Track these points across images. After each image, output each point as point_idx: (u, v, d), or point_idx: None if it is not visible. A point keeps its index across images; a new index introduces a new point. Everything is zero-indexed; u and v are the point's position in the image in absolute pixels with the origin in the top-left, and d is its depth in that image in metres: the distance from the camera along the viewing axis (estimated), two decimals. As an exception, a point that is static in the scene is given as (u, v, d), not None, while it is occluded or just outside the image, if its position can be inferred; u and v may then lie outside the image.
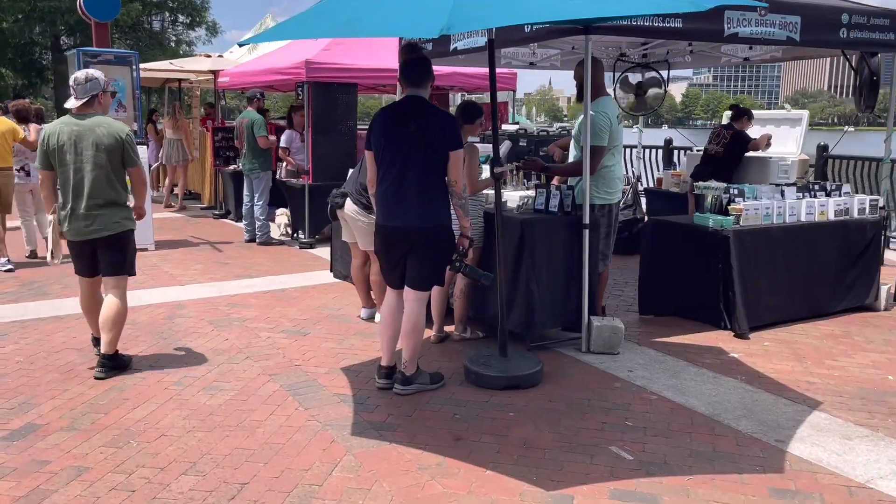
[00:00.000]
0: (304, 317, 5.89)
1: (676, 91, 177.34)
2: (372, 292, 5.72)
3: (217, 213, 11.62)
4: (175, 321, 5.73)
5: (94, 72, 4.48)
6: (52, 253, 4.63)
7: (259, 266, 7.85)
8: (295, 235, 9.58)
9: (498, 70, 10.36)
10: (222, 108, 12.32)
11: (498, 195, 4.37)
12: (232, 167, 11.03)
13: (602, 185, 5.17)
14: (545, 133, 8.86)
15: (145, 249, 8.59)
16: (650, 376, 4.56)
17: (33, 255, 8.07)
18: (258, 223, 9.20)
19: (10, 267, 7.49)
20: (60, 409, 3.98)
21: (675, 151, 11.05)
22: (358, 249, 5.64)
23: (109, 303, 4.55)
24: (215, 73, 11.65)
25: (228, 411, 3.99)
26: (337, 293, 6.71)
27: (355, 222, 5.43)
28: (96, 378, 4.45)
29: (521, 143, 8.15)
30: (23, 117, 8.12)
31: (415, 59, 4.01)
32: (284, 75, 9.28)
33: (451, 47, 6.51)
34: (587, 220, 4.90)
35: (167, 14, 33.02)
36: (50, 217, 4.57)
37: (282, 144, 9.48)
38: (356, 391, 4.29)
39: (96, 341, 4.72)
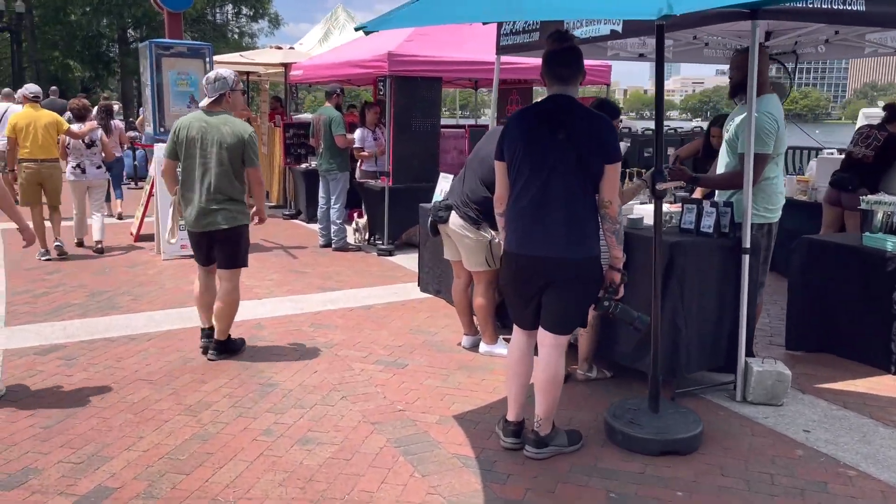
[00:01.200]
0: (398, 343, 5.21)
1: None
2: (475, 318, 5.00)
3: (287, 213, 11.09)
4: (255, 345, 5.12)
5: (223, 71, 4.69)
6: (170, 231, 5.24)
7: (338, 276, 7.22)
8: (371, 240, 8.94)
9: (594, 62, 9.59)
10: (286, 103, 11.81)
11: (658, 217, 3.58)
12: (304, 165, 10.47)
13: (762, 201, 4.32)
14: (650, 132, 8.02)
15: (216, 254, 8.07)
16: (835, 440, 3.72)
17: (80, 243, 8.33)
18: (334, 227, 8.58)
19: (48, 257, 7.71)
20: (135, 466, 3.37)
21: (794, 152, 10.01)
22: (462, 269, 4.92)
23: (223, 293, 4.79)
24: (286, 66, 11.11)
25: (331, 475, 3.31)
26: (428, 312, 6.01)
27: (461, 239, 4.71)
28: (209, 360, 4.78)
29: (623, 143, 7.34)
30: (81, 116, 8.30)
31: (565, 50, 3.24)
32: (364, 69, 8.62)
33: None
34: (748, 244, 4.08)
35: (231, 6, 32.95)
36: (172, 198, 4.92)
37: (355, 144, 8.85)
38: (478, 451, 3.57)
39: (204, 331, 4.94)
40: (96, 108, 10.48)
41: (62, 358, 4.79)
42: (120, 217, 10.69)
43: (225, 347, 4.85)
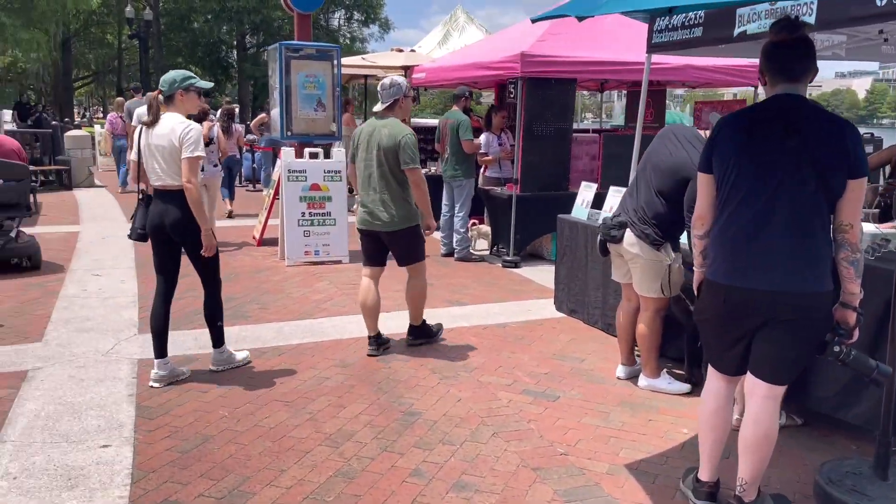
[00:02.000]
0: (543, 370, 4.73)
1: (860, 87, 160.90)
2: (638, 349, 4.45)
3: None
4: (391, 365, 4.77)
5: (398, 78, 4.89)
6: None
7: (465, 289, 6.82)
8: (495, 250, 8.51)
9: (741, 62, 8.81)
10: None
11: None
12: (424, 171, 10.16)
13: None
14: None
15: (339, 262, 7.86)
16: None
17: None
18: (457, 236, 8.20)
19: None
20: (279, 506, 3.05)
21: None
22: (633, 292, 4.38)
23: (409, 286, 5.08)
24: (407, 68, 10.86)
25: (497, 534, 2.88)
26: (570, 334, 5.50)
27: (636, 260, 4.17)
28: (408, 345, 5.12)
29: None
30: (200, 119, 8.42)
31: (798, 41, 2.68)
32: (492, 70, 8.20)
33: (736, 31, 5.12)
34: None
35: (343, 11, 33.49)
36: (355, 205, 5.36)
37: (480, 149, 8.46)
38: (664, 513, 3.05)
39: (371, 339, 4.99)
40: (219, 111, 10.73)
41: (196, 371, 4.60)
42: (230, 216, 10.93)
43: (420, 332, 5.13)
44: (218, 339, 4.61)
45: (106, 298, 6.22)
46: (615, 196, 5.21)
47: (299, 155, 7.80)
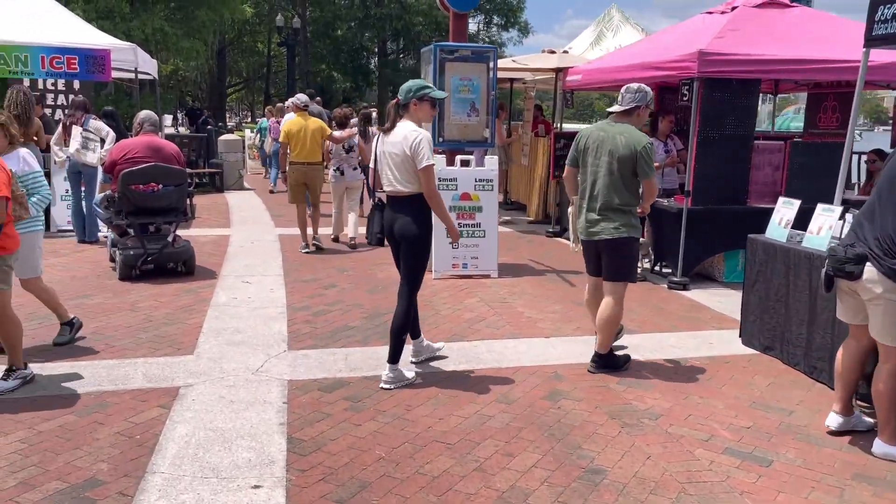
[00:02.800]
0: (744, 421, 3.99)
1: None
2: (861, 402, 3.63)
3: (551, 230, 10.22)
4: (560, 405, 4.19)
5: (645, 86, 4.73)
6: (573, 240, 5.15)
7: (630, 313, 6.10)
8: (658, 268, 7.73)
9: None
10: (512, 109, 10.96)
11: None
12: (576, 179, 9.50)
13: None
14: None
15: (487, 276, 7.38)
16: None
17: (336, 240, 9.21)
18: (617, 252, 7.49)
19: (307, 250, 8.47)
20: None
21: None
22: (865, 334, 3.57)
23: (604, 305, 4.69)
24: (559, 70, 10.25)
25: None
26: (766, 376, 4.70)
27: (878, 301, 3.39)
28: (589, 371, 4.71)
29: None
30: (343, 124, 9.05)
31: None
32: (662, 71, 7.43)
33: None
34: None
35: (483, 16, 33.30)
36: (570, 209, 5.15)
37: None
38: None
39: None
40: (357, 116, 10.54)
41: (348, 399, 4.23)
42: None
43: (604, 362, 4.73)
44: (394, 354, 4.44)
45: (255, 308, 6.05)
46: (787, 209, 4.47)
47: (450, 162, 7.39)
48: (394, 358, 4.38)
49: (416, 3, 30.99)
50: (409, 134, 4.19)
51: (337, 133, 8.80)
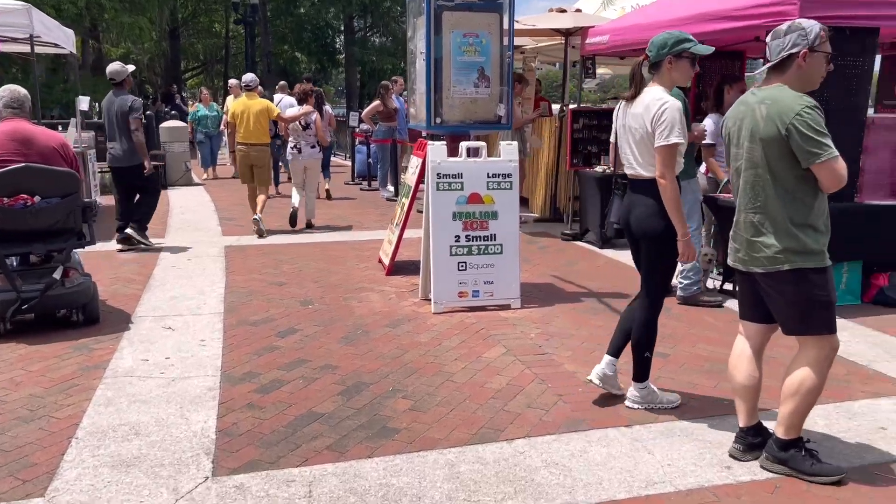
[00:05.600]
0: None
1: None
2: None
3: (567, 232, 8.24)
4: None
5: (804, 21, 2.89)
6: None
7: (716, 365, 4.18)
8: (730, 286, 5.82)
9: None
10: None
11: None
12: (601, 169, 7.54)
13: None
14: None
15: (507, 307, 5.39)
16: None
17: (309, 225, 8.64)
18: (682, 267, 5.56)
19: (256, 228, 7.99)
20: None
21: None
22: None
23: (795, 364, 2.98)
24: (569, 34, 8.24)
25: None
26: None
27: None
28: (761, 466, 3.04)
29: None
30: (302, 100, 8.75)
31: None
32: (738, 22, 5.47)
33: None
34: None
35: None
36: None
37: (706, 140, 5.80)
38: None
39: (740, 432, 3.19)
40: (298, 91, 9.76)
41: None
42: (329, 196, 11.24)
43: (789, 451, 2.99)
44: (641, 373, 3.62)
45: (172, 381, 3.98)
46: None
47: (452, 152, 5.36)
48: (640, 376, 3.64)
49: (384, -24, 28.73)
50: (651, 103, 3.35)
51: (289, 112, 8.70)
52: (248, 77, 8.72)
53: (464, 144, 5.33)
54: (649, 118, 3.35)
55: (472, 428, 3.44)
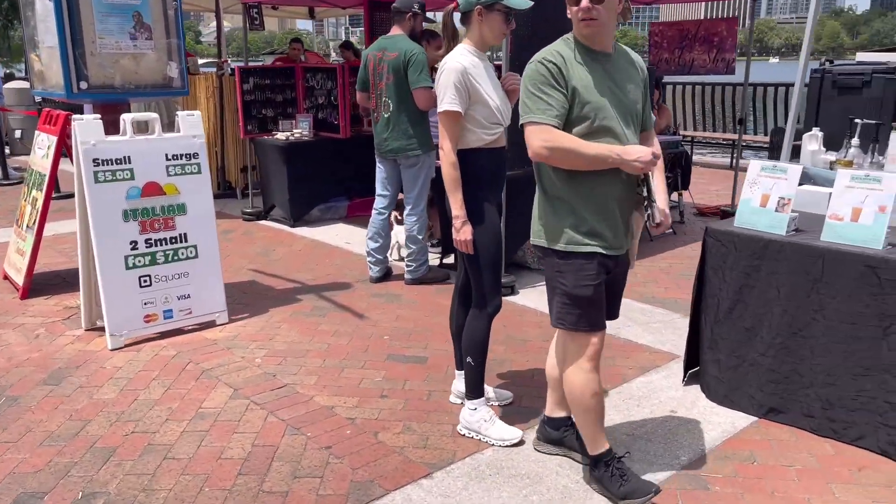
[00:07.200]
0: None
1: None
2: None
3: (249, 212, 7.12)
4: None
5: None
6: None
7: (424, 346, 3.70)
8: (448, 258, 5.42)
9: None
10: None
11: None
12: (285, 135, 6.53)
13: None
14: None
15: (212, 322, 4.24)
16: None
17: None
18: (414, 246, 4.96)
19: None
20: None
21: None
22: None
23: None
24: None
25: None
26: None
27: None
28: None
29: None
30: None
31: None
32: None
33: None
34: None
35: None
36: None
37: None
38: None
39: None
40: None
41: None
42: None
43: (594, 468, 2.59)
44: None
45: None
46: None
47: (110, 129, 3.92)
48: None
49: None
50: (442, 65, 2.83)
51: None
52: None
53: (127, 117, 3.92)
54: (437, 83, 2.88)
55: (230, 538, 2.39)
